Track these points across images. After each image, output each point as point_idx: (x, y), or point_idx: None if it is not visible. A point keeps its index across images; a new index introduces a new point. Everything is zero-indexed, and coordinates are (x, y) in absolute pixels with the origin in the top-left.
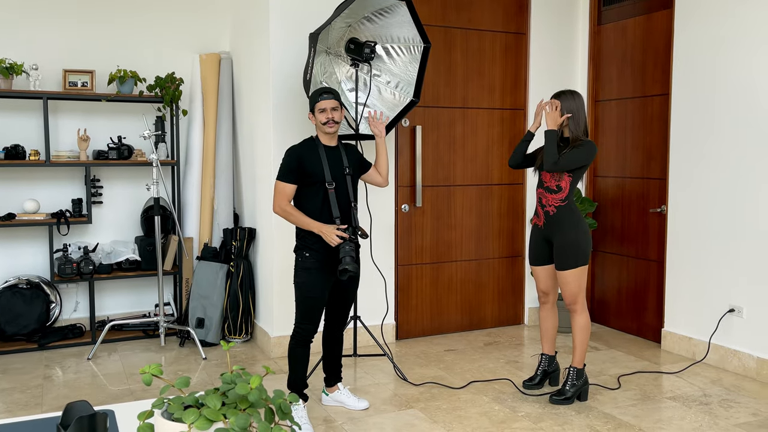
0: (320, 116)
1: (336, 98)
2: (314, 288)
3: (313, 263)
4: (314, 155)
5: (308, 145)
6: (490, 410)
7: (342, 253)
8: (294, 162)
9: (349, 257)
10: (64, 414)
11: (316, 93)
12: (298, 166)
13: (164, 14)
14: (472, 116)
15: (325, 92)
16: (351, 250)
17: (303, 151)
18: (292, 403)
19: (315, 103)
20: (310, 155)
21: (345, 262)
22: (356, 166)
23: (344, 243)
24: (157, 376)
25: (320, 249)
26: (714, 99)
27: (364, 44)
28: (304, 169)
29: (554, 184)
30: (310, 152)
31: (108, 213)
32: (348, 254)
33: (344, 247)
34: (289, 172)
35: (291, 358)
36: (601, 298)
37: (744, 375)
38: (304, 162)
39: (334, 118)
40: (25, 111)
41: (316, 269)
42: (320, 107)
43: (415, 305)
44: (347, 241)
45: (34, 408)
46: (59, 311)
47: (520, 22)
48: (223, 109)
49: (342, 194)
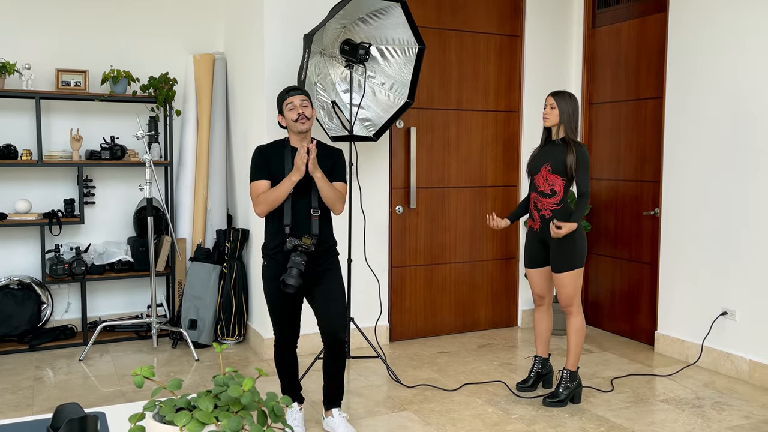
0: (290, 114)
1: (305, 93)
2: (274, 298)
3: (270, 271)
4: (279, 158)
5: (275, 146)
6: (484, 412)
7: (290, 263)
8: (260, 160)
9: (296, 269)
10: (55, 416)
11: (283, 92)
12: (264, 163)
13: (158, 14)
14: (466, 118)
15: (292, 89)
16: (300, 262)
17: (269, 151)
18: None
19: (282, 101)
20: (274, 156)
21: (288, 274)
22: (327, 169)
23: (295, 253)
24: (148, 378)
25: (275, 255)
26: (707, 102)
27: (358, 45)
28: (270, 170)
29: (548, 188)
30: (275, 153)
31: (100, 213)
32: (296, 265)
33: (294, 257)
34: (258, 170)
35: (276, 366)
36: (595, 301)
37: (737, 378)
38: (268, 162)
39: (304, 113)
40: (17, 110)
41: (273, 278)
42: (289, 103)
43: (409, 307)
44: (298, 252)
45: (25, 409)
46: (51, 312)
47: (515, 25)
48: (216, 109)
49: (302, 200)
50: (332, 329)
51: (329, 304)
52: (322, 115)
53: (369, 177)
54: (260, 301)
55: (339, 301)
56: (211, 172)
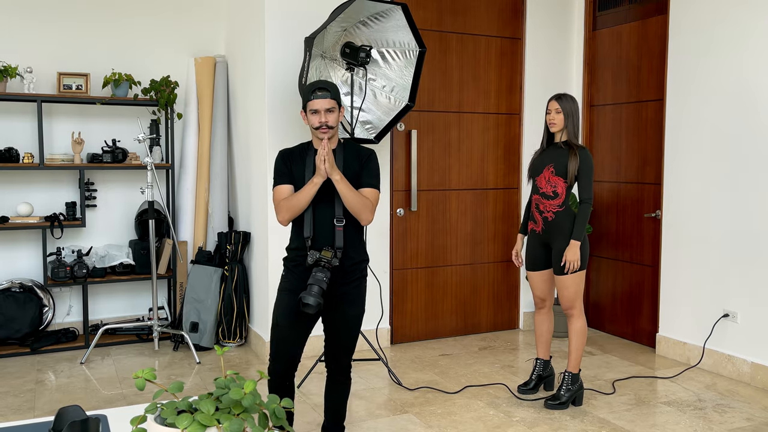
0: (312, 118)
1: (333, 96)
2: (282, 314)
3: (286, 283)
4: (301, 161)
5: (299, 149)
6: (485, 415)
7: (311, 279)
8: (282, 164)
9: (317, 287)
10: (57, 419)
11: (309, 88)
12: (287, 167)
13: (159, 17)
14: (467, 121)
15: (320, 88)
16: (323, 279)
17: (291, 155)
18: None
19: (307, 102)
20: (297, 159)
21: (307, 292)
22: (355, 173)
23: (317, 269)
24: (150, 381)
25: (295, 268)
26: (709, 104)
27: (359, 48)
28: (292, 175)
29: (551, 190)
30: (297, 157)
31: (102, 216)
32: (317, 282)
33: (316, 273)
34: (280, 175)
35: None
36: (596, 303)
37: (738, 380)
38: (291, 166)
39: (328, 122)
40: (19, 114)
41: (287, 291)
42: (312, 108)
43: (410, 309)
44: (321, 266)
45: (27, 412)
46: (52, 315)
47: (516, 27)
48: (218, 112)
49: (324, 208)
50: (339, 356)
51: (344, 332)
52: None
53: None
54: (262, 304)
55: (356, 329)
56: (213, 175)
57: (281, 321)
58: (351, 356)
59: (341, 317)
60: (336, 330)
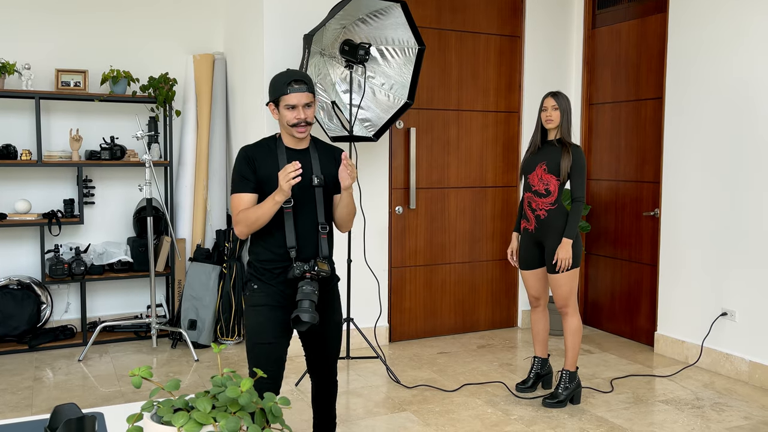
0: (288, 114)
1: (310, 89)
2: (263, 332)
3: (262, 298)
4: (271, 160)
5: (265, 146)
6: (483, 413)
7: (299, 294)
8: (245, 166)
9: (309, 301)
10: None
11: (282, 80)
12: (251, 170)
13: (158, 14)
14: (466, 118)
15: (297, 80)
16: (312, 292)
17: (257, 152)
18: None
19: (281, 95)
20: (265, 159)
21: (300, 308)
22: (332, 175)
23: (304, 282)
24: (146, 379)
25: (271, 278)
26: (707, 102)
27: (358, 46)
28: (258, 176)
29: (543, 188)
30: (266, 155)
31: (100, 214)
32: (307, 296)
33: (303, 287)
34: (241, 180)
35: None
36: (595, 301)
37: (736, 378)
38: (257, 167)
39: (307, 118)
40: (16, 110)
41: (267, 306)
42: (289, 102)
43: (409, 307)
44: (308, 279)
45: (24, 410)
46: (50, 312)
47: (515, 25)
48: (216, 109)
49: (306, 215)
50: (327, 368)
51: (329, 344)
52: (322, 116)
53: (369, 177)
54: None
55: (341, 334)
56: (211, 172)
57: (269, 338)
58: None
59: (327, 326)
60: (324, 339)
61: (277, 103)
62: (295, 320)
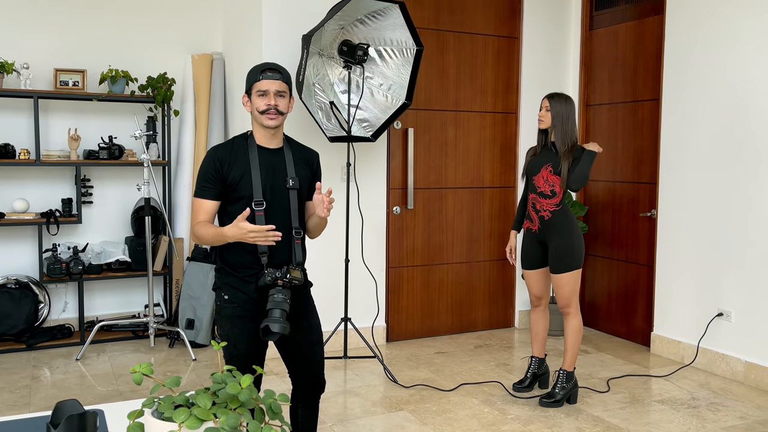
0: (258, 101)
1: (285, 80)
2: (237, 344)
3: (234, 309)
4: (241, 159)
5: (236, 145)
6: (480, 412)
7: (270, 303)
8: (211, 169)
9: (279, 311)
10: (54, 413)
11: (255, 69)
12: (217, 175)
13: (156, 14)
14: (464, 119)
15: (270, 69)
16: (284, 301)
17: (226, 153)
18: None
19: (254, 83)
20: (235, 159)
21: (270, 318)
22: (306, 178)
23: (275, 290)
24: (147, 375)
25: (241, 285)
26: (704, 104)
27: (356, 46)
28: (226, 178)
29: (548, 189)
30: (235, 155)
31: (98, 213)
32: (278, 305)
33: (274, 295)
34: (206, 184)
35: None
36: (591, 302)
37: (732, 379)
38: (225, 168)
39: (278, 105)
40: (15, 110)
41: (241, 318)
42: (260, 89)
43: (406, 307)
44: (280, 287)
45: (22, 408)
46: (48, 311)
47: (513, 26)
48: (214, 109)
49: (279, 218)
50: (318, 376)
51: (313, 349)
52: (321, 116)
53: (366, 177)
54: None
55: (322, 343)
56: None
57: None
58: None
59: (308, 331)
60: (309, 345)
61: (250, 93)
62: (264, 330)
